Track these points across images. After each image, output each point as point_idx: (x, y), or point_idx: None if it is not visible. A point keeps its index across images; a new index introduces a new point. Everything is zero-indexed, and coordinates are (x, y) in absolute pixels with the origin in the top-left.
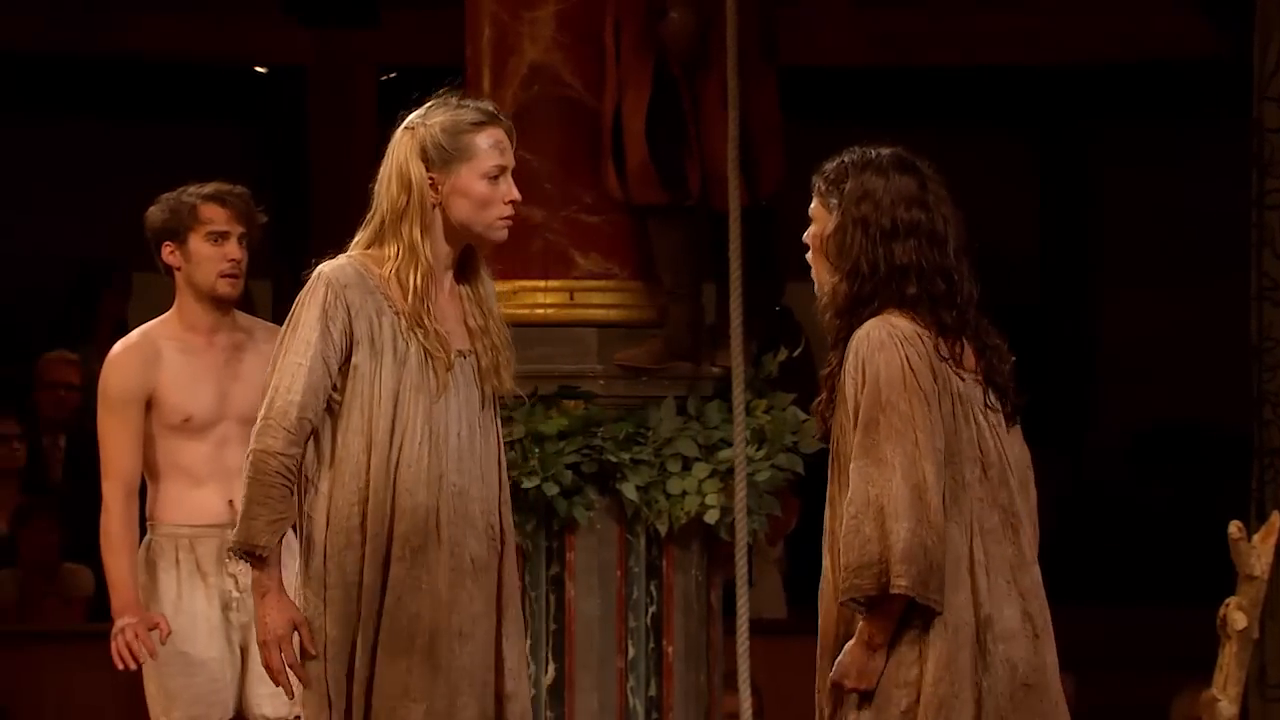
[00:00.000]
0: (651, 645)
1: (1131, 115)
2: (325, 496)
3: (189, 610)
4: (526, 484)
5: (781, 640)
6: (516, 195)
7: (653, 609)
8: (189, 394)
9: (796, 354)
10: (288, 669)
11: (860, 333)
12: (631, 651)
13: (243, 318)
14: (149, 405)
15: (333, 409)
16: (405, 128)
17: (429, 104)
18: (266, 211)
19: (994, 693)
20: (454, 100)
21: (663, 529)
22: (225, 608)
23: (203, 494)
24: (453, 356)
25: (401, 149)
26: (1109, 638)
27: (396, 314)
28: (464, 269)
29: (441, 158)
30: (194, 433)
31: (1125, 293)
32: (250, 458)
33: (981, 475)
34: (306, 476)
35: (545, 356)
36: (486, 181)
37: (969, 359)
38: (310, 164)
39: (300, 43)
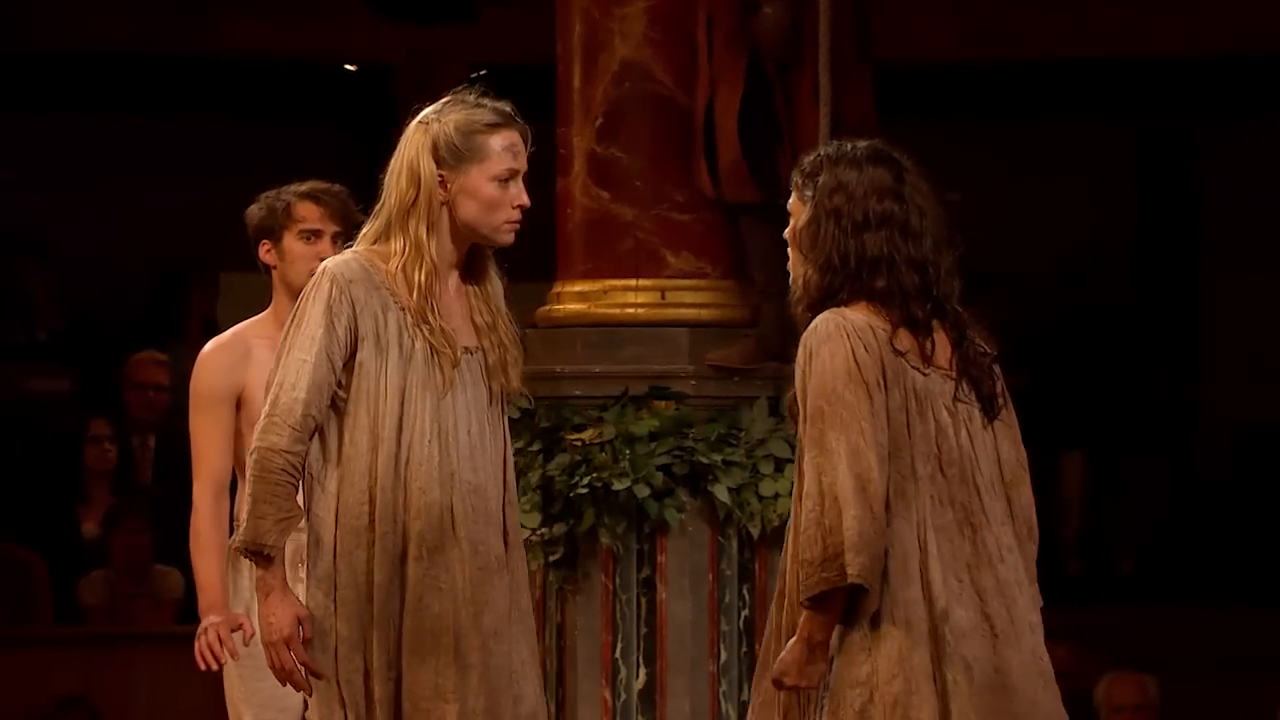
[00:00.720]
0: (744, 649)
1: (1233, 106)
2: (333, 495)
3: None
4: (617, 485)
5: None
6: (525, 200)
7: (745, 612)
8: None
9: None
10: (300, 666)
11: (810, 325)
12: (724, 656)
13: None
14: (239, 404)
15: (338, 406)
16: (419, 122)
17: (446, 99)
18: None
19: (959, 688)
20: (472, 98)
21: (755, 531)
22: None
23: None
24: (459, 353)
25: (414, 144)
26: (1211, 639)
27: (402, 310)
28: (471, 267)
29: (453, 156)
30: None
31: (1228, 287)
32: (255, 455)
33: (936, 472)
34: (312, 474)
35: (636, 357)
36: (496, 184)
37: (941, 354)
38: None
39: (389, 40)
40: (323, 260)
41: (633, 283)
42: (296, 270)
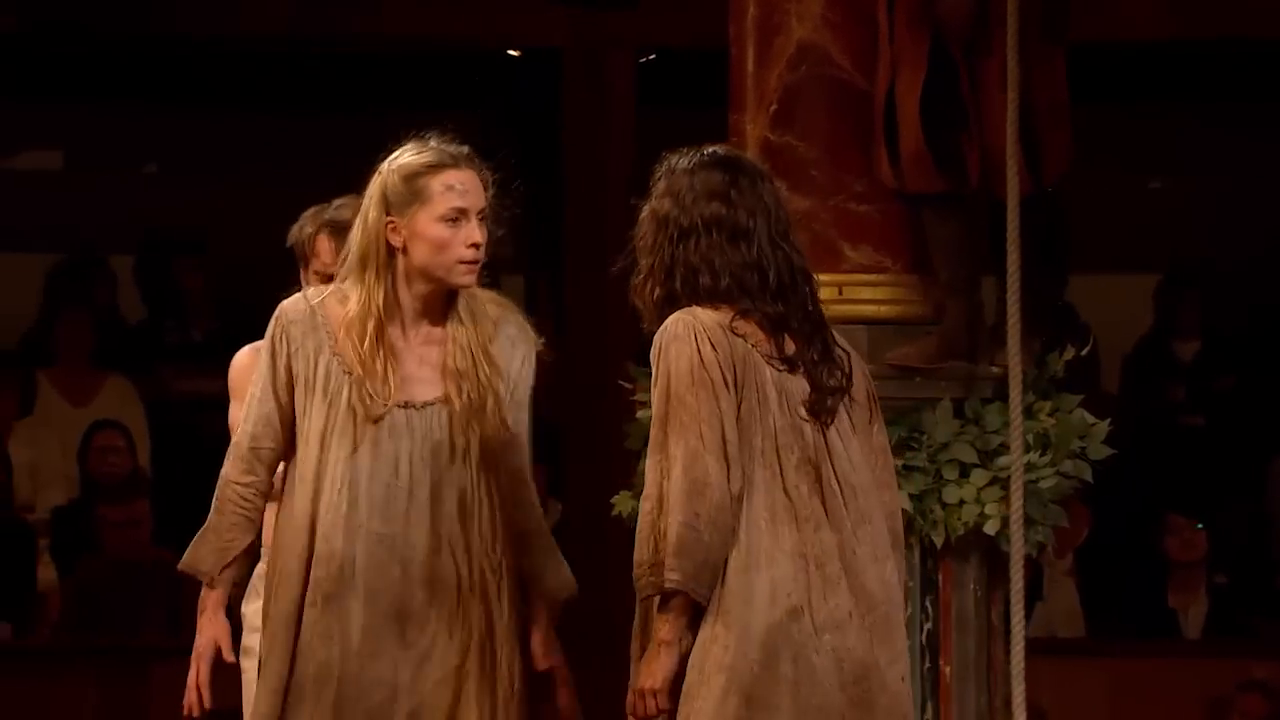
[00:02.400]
0: (927, 665)
1: None
2: (277, 528)
3: None
4: None
5: (1077, 661)
6: (478, 238)
7: (928, 626)
8: None
9: (1084, 353)
10: (197, 688)
11: (662, 325)
12: None
13: None
14: None
15: (293, 442)
16: (377, 170)
17: (405, 145)
18: (517, 202)
19: (812, 683)
20: (430, 141)
21: (938, 540)
22: None
23: None
24: (387, 406)
25: (369, 192)
26: None
27: (334, 355)
28: (455, 310)
29: (400, 201)
30: None
31: None
32: (217, 484)
33: (799, 465)
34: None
35: None
36: (444, 225)
37: (790, 353)
38: (564, 152)
39: (555, 25)
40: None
41: None
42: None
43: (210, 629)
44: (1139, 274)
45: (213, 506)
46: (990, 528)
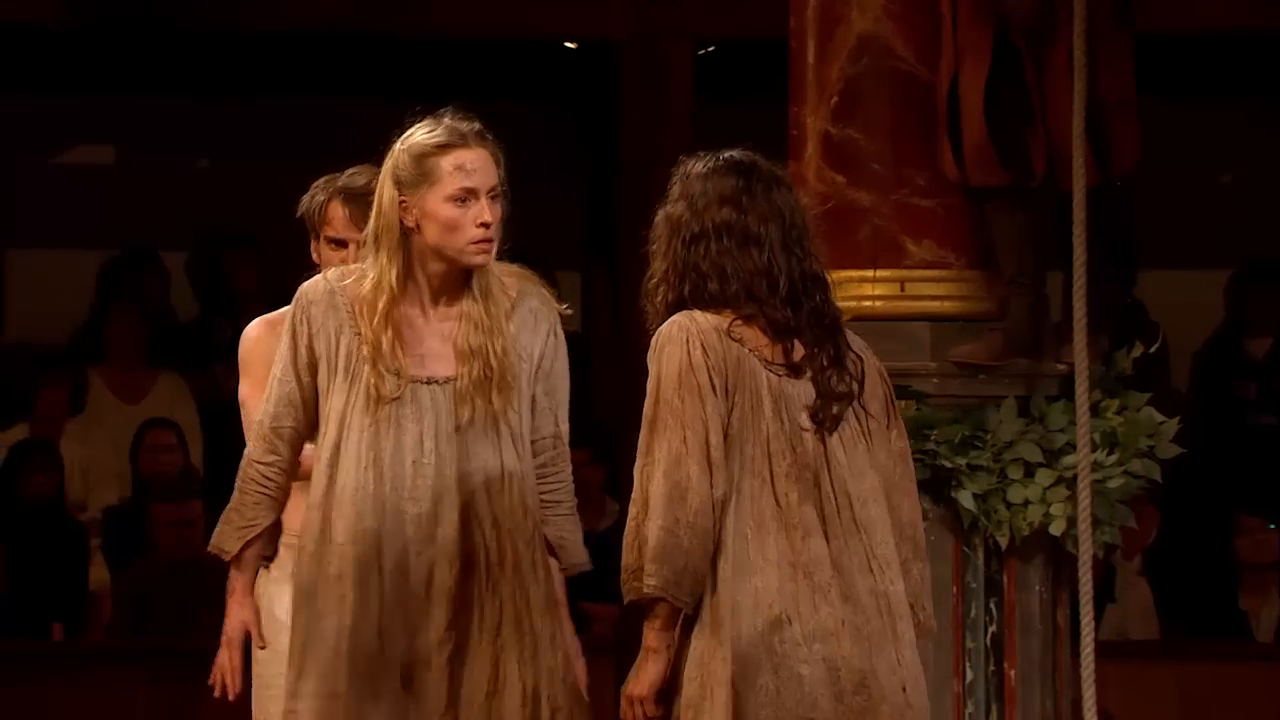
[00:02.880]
0: (991, 668)
1: None
2: (307, 509)
3: (284, 615)
4: None
5: (1145, 664)
6: (488, 217)
7: (992, 628)
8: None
9: (1153, 350)
10: (229, 671)
11: (660, 327)
12: (969, 675)
13: None
14: None
15: (318, 422)
16: (392, 148)
17: (420, 122)
18: (574, 195)
19: (798, 694)
20: (443, 118)
21: (1003, 541)
22: None
23: None
24: (405, 385)
25: (383, 170)
26: None
27: (356, 334)
28: (470, 288)
29: (410, 181)
30: None
31: None
32: (240, 464)
33: (794, 472)
34: None
35: (874, 353)
36: (453, 205)
37: (793, 358)
38: (621, 145)
39: (613, 16)
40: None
41: (870, 273)
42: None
43: (239, 612)
44: (1210, 270)
45: (236, 486)
46: (1055, 528)
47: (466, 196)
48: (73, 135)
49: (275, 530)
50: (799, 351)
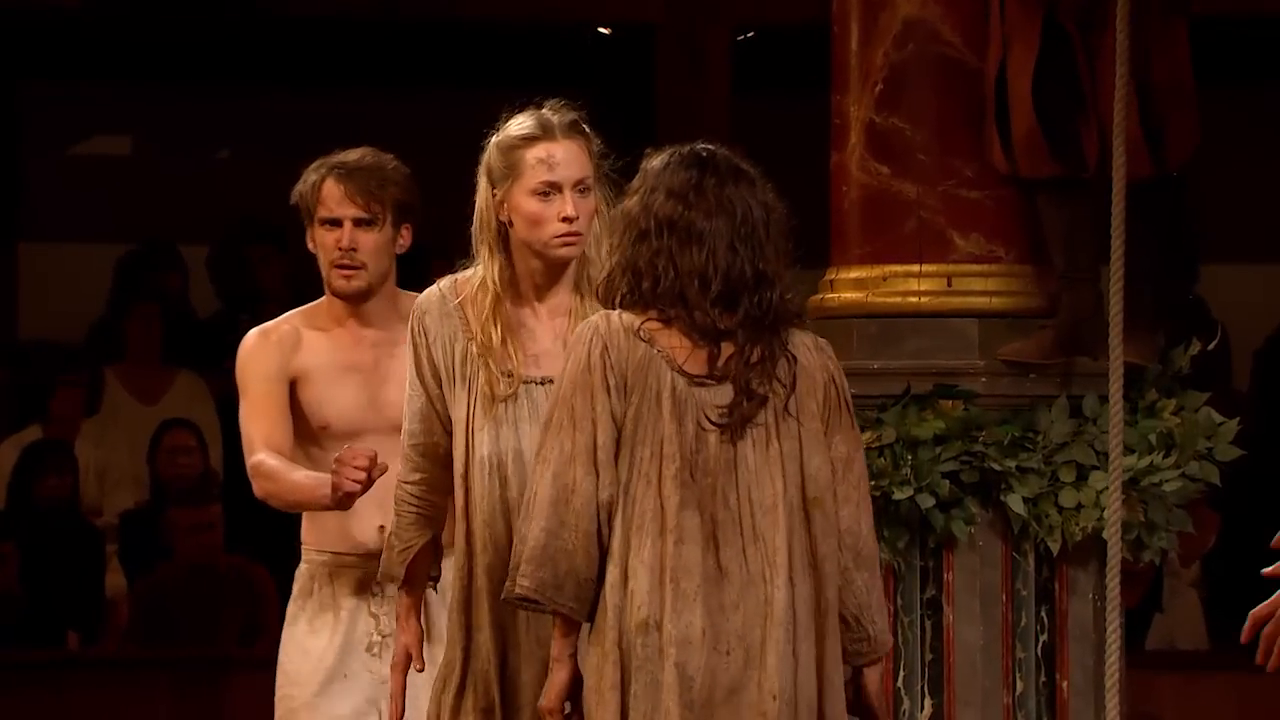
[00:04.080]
0: (1043, 679)
1: None
2: (456, 519)
3: (310, 650)
4: (898, 495)
5: (1199, 675)
6: (570, 211)
7: (1044, 638)
8: (327, 398)
9: (1212, 347)
10: (397, 695)
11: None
12: (1019, 686)
13: (406, 302)
14: (294, 387)
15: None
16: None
17: (520, 113)
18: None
19: (654, 702)
20: (541, 109)
21: (1054, 547)
22: (365, 651)
23: (343, 516)
24: (519, 385)
25: (481, 164)
26: None
27: (469, 339)
28: (574, 284)
29: (500, 175)
30: (334, 443)
31: None
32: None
33: (683, 476)
34: None
35: (919, 351)
36: (536, 199)
37: (724, 361)
38: (656, 135)
39: (648, 0)
40: (341, 250)
41: (916, 268)
42: (322, 263)
43: (402, 636)
44: (1274, 264)
45: (394, 509)
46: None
47: (549, 190)
48: (88, 125)
49: (438, 548)
50: (723, 354)
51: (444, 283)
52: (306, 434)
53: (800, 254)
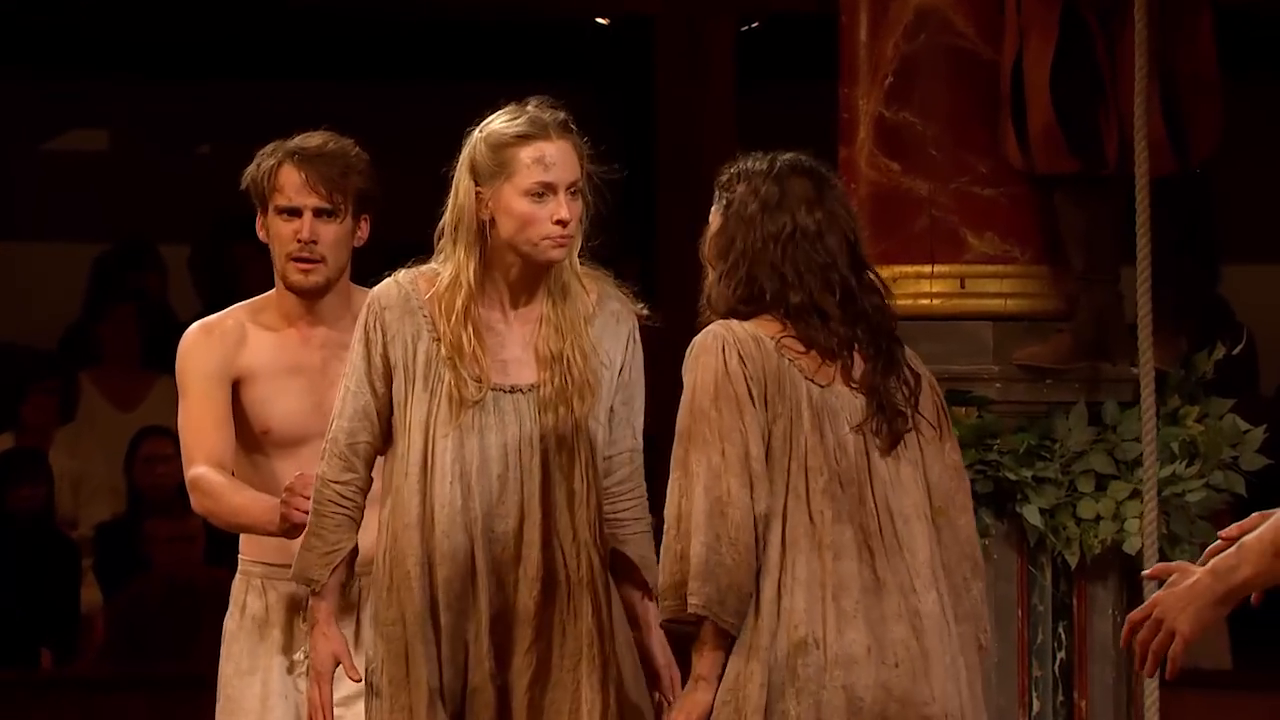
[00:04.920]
0: (1060, 699)
1: None
2: (385, 527)
3: (250, 670)
4: None
5: (1222, 695)
6: (565, 214)
7: (1061, 655)
8: (270, 401)
9: (1237, 351)
10: (323, 707)
11: (696, 336)
12: (1036, 705)
13: (360, 300)
14: (237, 388)
15: (391, 435)
16: (470, 134)
17: (503, 109)
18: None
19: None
20: (528, 106)
21: (1073, 560)
22: (293, 671)
23: None
24: (486, 392)
25: (461, 158)
26: None
27: (435, 340)
28: (550, 288)
29: (487, 172)
30: (276, 450)
31: None
32: (314, 485)
33: (832, 488)
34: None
35: (931, 355)
36: (529, 199)
37: (853, 371)
38: (657, 128)
39: None
40: (300, 242)
41: (927, 269)
42: (276, 255)
43: (326, 644)
44: None
45: (311, 510)
46: (1130, 546)
47: (544, 191)
48: (63, 118)
49: (355, 555)
50: (853, 364)
51: (402, 276)
52: (247, 438)
53: None
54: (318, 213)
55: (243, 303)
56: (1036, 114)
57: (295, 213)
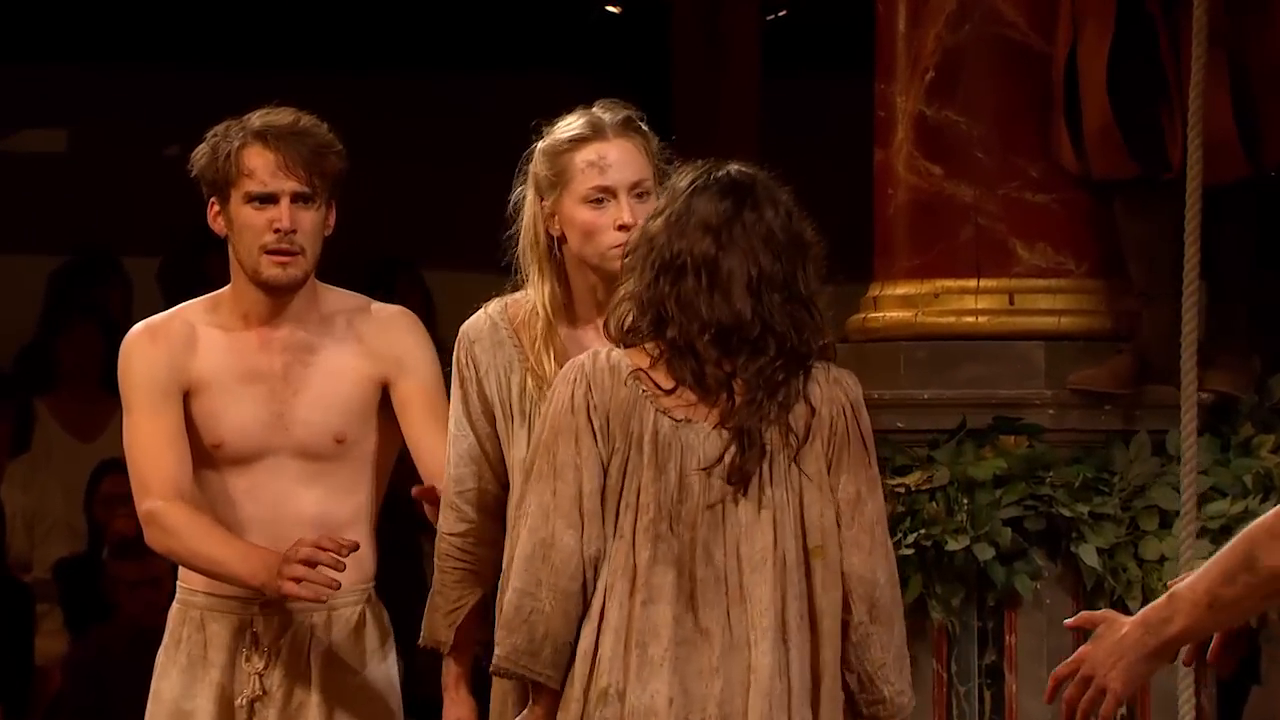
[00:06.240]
0: None
1: None
2: (503, 576)
3: (181, 714)
4: (952, 545)
5: None
6: (627, 218)
7: (1121, 711)
8: (223, 411)
9: None
10: None
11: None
12: None
13: (329, 298)
14: (188, 399)
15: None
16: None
17: (570, 114)
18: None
19: None
20: (593, 108)
21: (1134, 605)
22: (239, 712)
23: None
24: None
25: (528, 173)
26: None
27: (526, 370)
28: None
29: (547, 183)
30: (229, 466)
31: None
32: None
33: (657, 529)
34: None
35: (976, 379)
36: (588, 207)
37: (723, 408)
38: (674, 124)
39: None
40: (278, 232)
41: (972, 284)
42: (246, 246)
43: (454, 709)
44: None
45: (435, 566)
46: None
47: (602, 196)
48: (16, 117)
49: (488, 608)
50: (720, 400)
51: (493, 307)
52: (197, 452)
53: (838, 267)
54: (295, 198)
55: (192, 301)
56: (1093, 113)
57: (270, 199)
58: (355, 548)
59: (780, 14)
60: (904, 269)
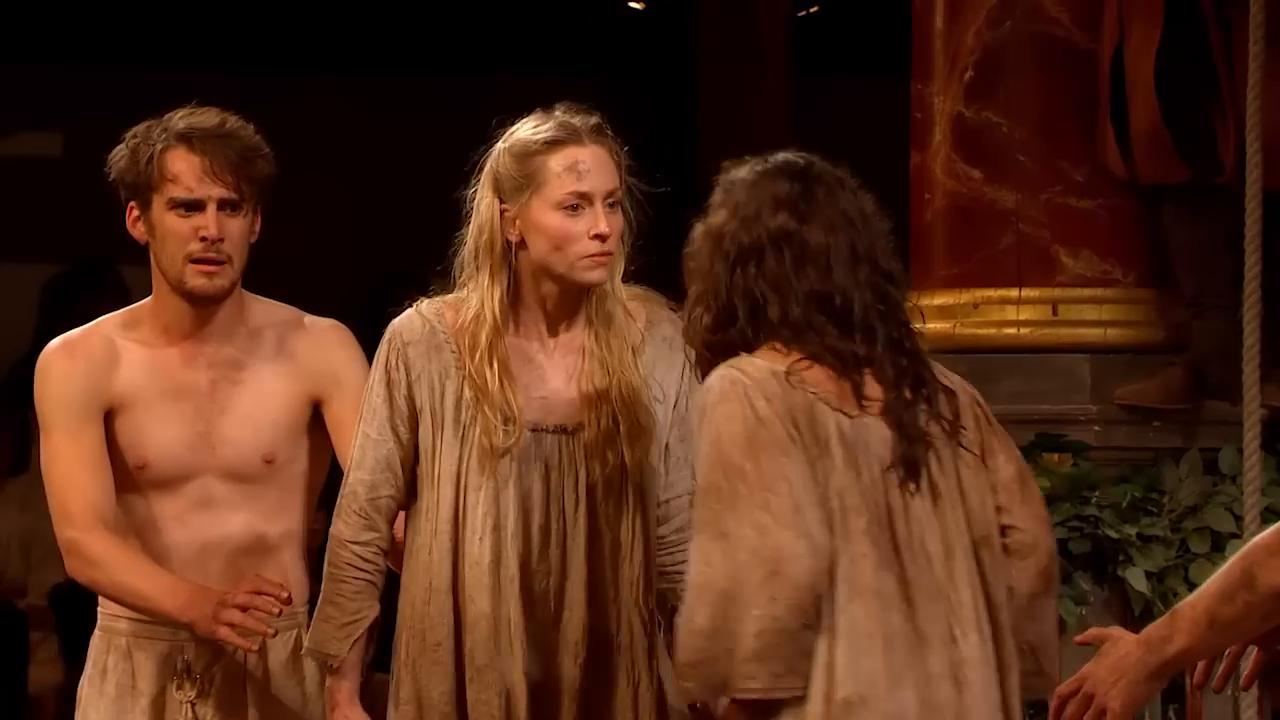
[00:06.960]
0: None
1: None
2: (405, 591)
3: None
4: None
5: None
6: (604, 228)
7: None
8: (147, 431)
9: None
10: None
11: (706, 383)
12: None
13: (258, 311)
14: (110, 418)
15: (412, 487)
16: (492, 148)
17: (526, 117)
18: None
19: None
20: (555, 111)
21: None
22: None
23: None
24: (522, 435)
25: (484, 173)
26: None
27: (465, 377)
28: (590, 316)
29: (512, 186)
30: (154, 488)
31: None
32: (327, 545)
33: (872, 531)
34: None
35: (1018, 393)
36: (562, 213)
37: (873, 395)
38: (699, 123)
39: None
40: (205, 240)
41: (1014, 293)
42: (169, 255)
43: None
44: None
45: (325, 574)
46: None
47: (578, 202)
48: (11, 120)
49: (377, 625)
50: (874, 389)
51: (426, 308)
52: (120, 475)
53: None
54: (222, 204)
55: (110, 315)
56: (1140, 114)
57: (195, 206)
58: (289, 601)
59: (812, 9)
60: (941, 278)
